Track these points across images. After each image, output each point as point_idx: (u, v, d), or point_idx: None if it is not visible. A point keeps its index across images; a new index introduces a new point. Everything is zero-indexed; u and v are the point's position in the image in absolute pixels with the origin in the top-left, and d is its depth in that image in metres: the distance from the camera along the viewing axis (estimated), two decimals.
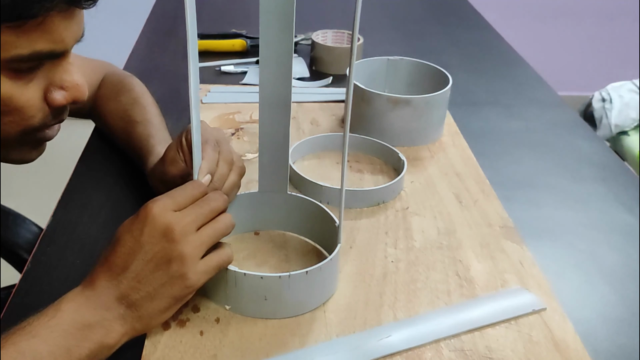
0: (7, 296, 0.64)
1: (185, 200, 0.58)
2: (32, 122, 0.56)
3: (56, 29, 0.52)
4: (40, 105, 0.56)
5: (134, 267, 0.54)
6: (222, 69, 1.19)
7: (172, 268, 0.54)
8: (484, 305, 0.66)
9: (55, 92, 0.56)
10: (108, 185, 0.84)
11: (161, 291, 0.55)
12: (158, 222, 0.55)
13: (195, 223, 0.56)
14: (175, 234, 0.55)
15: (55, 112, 0.58)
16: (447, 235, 0.77)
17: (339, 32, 1.23)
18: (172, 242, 0.54)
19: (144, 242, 0.55)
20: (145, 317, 0.55)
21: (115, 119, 0.87)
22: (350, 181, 0.87)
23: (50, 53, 0.53)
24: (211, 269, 0.57)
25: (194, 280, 0.55)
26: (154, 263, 0.54)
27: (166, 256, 0.54)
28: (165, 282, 0.55)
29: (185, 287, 0.55)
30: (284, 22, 0.61)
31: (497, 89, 1.20)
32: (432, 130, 0.97)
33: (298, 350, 0.59)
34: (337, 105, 1.07)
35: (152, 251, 0.54)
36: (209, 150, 0.65)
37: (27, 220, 1.02)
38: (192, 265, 0.55)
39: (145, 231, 0.55)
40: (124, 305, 0.54)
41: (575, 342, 0.62)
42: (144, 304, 0.55)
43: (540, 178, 0.91)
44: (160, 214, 0.55)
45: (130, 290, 0.54)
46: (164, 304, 0.55)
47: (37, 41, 0.51)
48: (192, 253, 0.55)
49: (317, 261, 0.68)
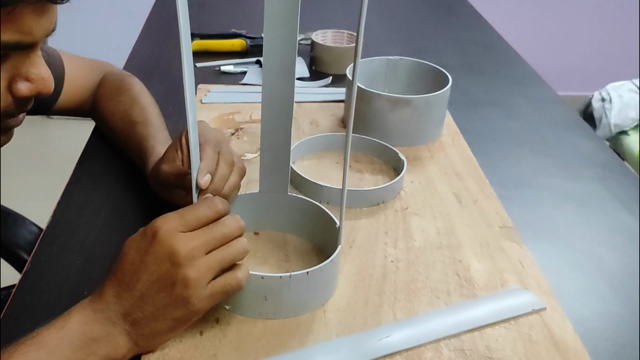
0: (7, 296, 0.64)
1: (196, 222, 0.56)
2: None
3: (26, 20, 0.51)
4: (4, 94, 0.56)
5: (139, 286, 0.54)
6: (222, 69, 1.19)
7: (176, 291, 0.54)
8: (483, 305, 0.66)
9: (21, 83, 0.56)
10: (108, 185, 0.84)
11: (164, 313, 0.54)
12: (164, 244, 0.54)
13: (204, 247, 0.55)
14: (181, 258, 0.53)
15: (19, 103, 0.58)
16: (446, 235, 0.77)
17: (339, 32, 1.23)
18: (177, 266, 0.53)
19: (149, 262, 0.54)
20: (148, 336, 0.55)
21: (114, 119, 0.87)
22: (350, 181, 0.87)
23: (18, 44, 0.52)
24: (217, 294, 0.56)
25: (197, 306, 0.55)
26: (158, 284, 0.54)
27: (170, 279, 0.54)
28: (169, 305, 0.54)
29: (189, 312, 0.55)
30: (288, 23, 0.61)
31: (496, 89, 1.20)
32: (431, 130, 0.97)
33: (298, 350, 0.59)
34: (336, 105, 1.07)
35: (157, 273, 0.54)
36: (209, 150, 0.65)
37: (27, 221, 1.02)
38: (196, 290, 0.54)
39: (150, 251, 0.54)
40: (128, 322, 0.54)
41: (575, 342, 0.62)
42: (148, 323, 0.54)
43: (539, 178, 0.91)
44: (167, 235, 0.54)
45: (135, 308, 0.54)
46: (166, 325, 0.55)
47: (5, 31, 0.50)
48: (198, 278, 0.54)
49: (317, 261, 0.68)
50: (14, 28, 0.51)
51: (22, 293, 0.65)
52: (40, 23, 0.53)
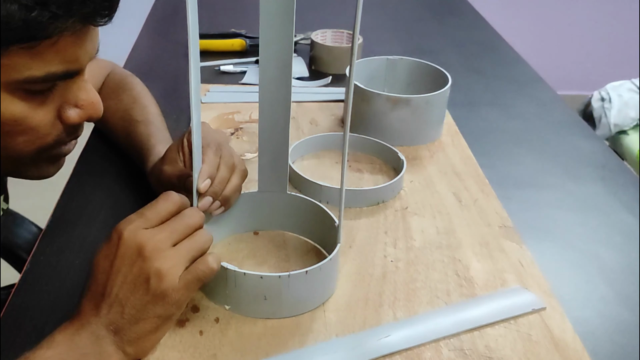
0: (7, 296, 0.64)
1: (157, 217, 0.56)
2: (46, 140, 0.56)
3: (70, 48, 0.51)
4: (54, 123, 0.55)
5: (114, 291, 0.53)
6: (222, 68, 1.19)
7: (152, 287, 0.53)
8: (483, 305, 0.66)
9: (70, 110, 0.56)
10: (107, 185, 0.84)
11: (145, 312, 0.53)
12: (130, 243, 0.53)
13: (169, 239, 0.55)
14: (148, 251, 0.53)
15: (69, 130, 0.57)
16: (446, 235, 0.77)
17: (338, 32, 1.23)
18: (147, 260, 0.53)
19: (120, 264, 0.53)
20: (135, 341, 0.54)
21: (115, 118, 0.87)
22: (350, 181, 0.87)
23: (65, 73, 0.52)
24: (191, 283, 0.55)
25: (175, 298, 0.54)
26: (133, 284, 0.53)
27: (143, 275, 0.53)
28: (148, 302, 0.53)
29: (169, 305, 0.54)
30: (284, 21, 0.61)
31: (496, 89, 1.20)
32: (431, 130, 0.97)
33: (298, 350, 0.59)
34: (336, 104, 1.07)
35: (129, 273, 0.53)
36: (210, 153, 0.65)
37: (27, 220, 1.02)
38: (171, 281, 0.53)
39: (119, 254, 0.54)
40: (112, 331, 0.53)
41: (575, 342, 0.62)
42: (131, 327, 0.53)
43: (539, 177, 0.91)
44: (131, 234, 0.54)
45: (115, 315, 0.53)
46: (150, 324, 0.54)
47: (51, 62, 0.50)
48: (170, 269, 0.53)
49: (316, 261, 0.68)
50: (59, 58, 0.50)
51: (22, 293, 0.65)
52: (85, 48, 0.53)
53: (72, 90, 0.55)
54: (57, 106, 0.55)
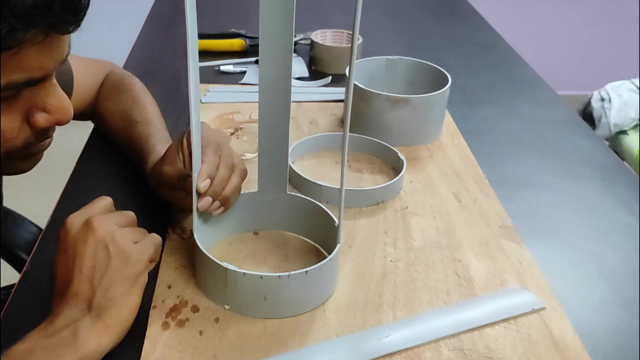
0: (7, 296, 0.64)
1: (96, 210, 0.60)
2: (13, 143, 0.55)
3: (33, 57, 0.49)
4: (22, 127, 0.55)
5: (77, 272, 0.55)
6: (221, 68, 1.19)
7: (111, 250, 0.56)
8: (483, 305, 0.66)
9: (38, 115, 0.55)
10: (107, 186, 0.84)
11: (113, 275, 0.56)
12: (76, 225, 0.57)
13: (112, 218, 0.58)
14: (96, 223, 0.57)
15: (38, 134, 0.57)
16: (446, 235, 0.77)
17: (338, 32, 1.23)
18: (97, 230, 0.56)
19: (75, 247, 0.56)
20: (110, 308, 0.55)
21: (115, 119, 0.87)
22: (350, 181, 0.87)
23: (28, 81, 0.51)
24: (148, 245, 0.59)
25: (137, 254, 0.57)
26: (94, 255, 0.56)
27: (101, 243, 0.56)
28: (113, 266, 0.56)
29: (133, 263, 0.57)
30: (284, 21, 0.61)
31: (496, 89, 1.20)
32: (431, 130, 0.97)
33: (297, 349, 0.60)
34: (336, 104, 1.07)
35: (86, 248, 0.56)
36: (210, 153, 0.65)
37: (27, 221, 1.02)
38: (127, 240, 0.57)
39: (70, 240, 0.57)
40: (86, 310, 0.55)
41: (575, 342, 0.62)
42: (104, 296, 0.55)
43: (539, 177, 0.91)
44: (75, 218, 0.58)
45: (87, 291, 0.55)
46: (121, 287, 0.56)
47: (12, 72, 0.49)
48: (123, 235, 0.57)
49: (316, 261, 0.68)
50: (22, 67, 0.49)
51: (21, 293, 0.65)
52: (51, 56, 0.51)
53: (40, 95, 0.54)
54: (24, 111, 0.54)
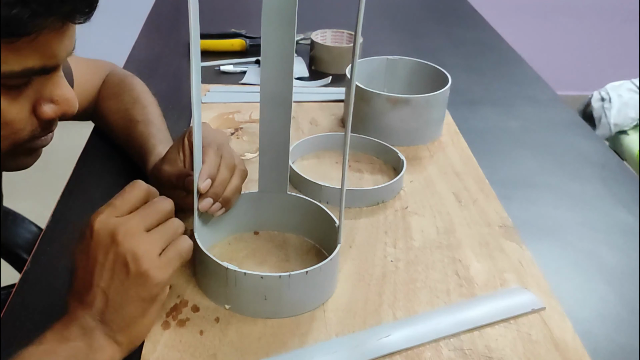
0: (7, 296, 0.64)
1: (127, 205, 0.56)
2: (21, 135, 0.56)
3: (49, 45, 0.51)
4: (29, 118, 0.55)
5: (95, 282, 0.54)
6: (222, 68, 1.19)
7: (131, 269, 0.53)
8: (483, 305, 0.66)
9: (45, 106, 0.56)
10: (108, 185, 0.84)
11: (129, 296, 0.54)
12: (102, 232, 0.54)
13: (141, 224, 0.55)
14: (121, 236, 0.53)
15: (44, 125, 0.57)
16: (446, 235, 0.77)
17: (338, 32, 1.23)
18: (120, 245, 0.53)
19: (95, 255, 0.54)
20: (124, 328, 0.54)
21: (116, 118, 0.87)
22: (350, 181, 0.87)
23: (42, 69, 0.52)
24: (172, 260, 0.55)
25: (157, 276, 0.54)
26: (111, 270, 0.53)
27: (120, 259, 0.53)
28: (129, 285, 0.53)
29: (152, 286, 0.54)
30: (285, 21, 0.61)
31: (496, 89, 1.20)
32: (431, 130, 0.97)
33: (298, 349, 0.60)
34: (336, 104, 1.07)
35: (106, 260, 0.54)
36: (211, 154, 0.65)
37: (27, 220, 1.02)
38: (150, 261, 0.54)
39: (93, 246, 0.54)
40: (100, 322, 0.54)
41: (575, 342, 0.62)
42: (118, 314, 0.54)
43: (539, 177, 0.91)
44: (102, 223, 0.54)
45: (100, 304, 0.54)
46: (136, 308, 0.54)
47: (29, 58, 0.50)
48: (146, 249, 0.54)
49: (316, 261, 0.68)
50: (38, 54, 0.51)
51: (22, 293, 0.65)
52: (64, 45, 0.53)
53: (48, 86, 0.55)
54: (32, 101, 0.55)
